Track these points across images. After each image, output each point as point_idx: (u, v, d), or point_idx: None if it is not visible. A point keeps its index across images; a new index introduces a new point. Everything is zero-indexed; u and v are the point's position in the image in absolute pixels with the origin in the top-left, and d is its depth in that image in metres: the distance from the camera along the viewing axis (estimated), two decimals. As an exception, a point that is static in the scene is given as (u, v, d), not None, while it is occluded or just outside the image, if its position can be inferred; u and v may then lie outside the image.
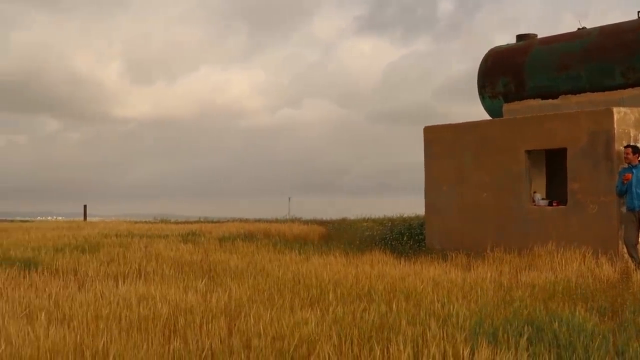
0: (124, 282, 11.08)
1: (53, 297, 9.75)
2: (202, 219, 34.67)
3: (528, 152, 15.25)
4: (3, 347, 6.91)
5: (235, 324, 7.93)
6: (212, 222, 31.29)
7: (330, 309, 8.61)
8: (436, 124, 17.75)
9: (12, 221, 41.60)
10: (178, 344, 7.09)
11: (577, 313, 8.05)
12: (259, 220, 30.06)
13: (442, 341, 6.78)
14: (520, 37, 18.90)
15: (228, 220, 31.13)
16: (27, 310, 8.89)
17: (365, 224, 25.59)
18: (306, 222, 27.74)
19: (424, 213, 18.40)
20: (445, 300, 9.16)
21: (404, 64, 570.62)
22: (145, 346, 6.95)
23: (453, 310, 8.39)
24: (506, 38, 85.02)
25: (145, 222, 33.27)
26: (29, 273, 12.03)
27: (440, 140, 17.27)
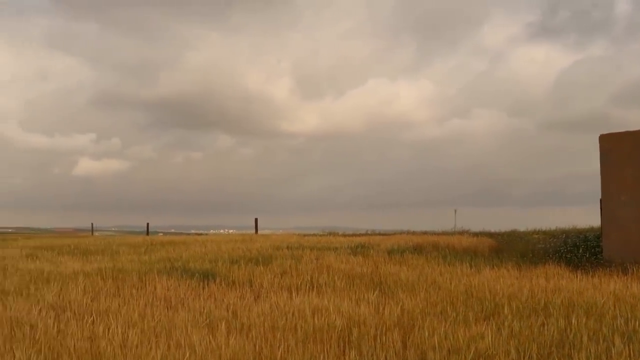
0: (297, 293, 11.30)
1: (231, 308, 10.09)
2: (369, 232, 34.86)
3: None
4: (187, 355, 7.22)
5: (409, 337, 7.88)
6: (380, 234, 31.39)
7: (506, 323, 8.39)
8: (612, 131, 16.92)
9: (188, 234, 43.52)
10: (354, 355, 7.14)
11: None
12: (425, 233, 29.82)
13: (628, 359, 6.44)
14: None
15: (395, 233, 31.09)
16: (208, 320, 9.24)
17: (536, 235, 24.85)
18: (475, 234, 27.26)
19: (598, 224, 17.58)
20: (629, 315, 8.70)
21: (578, 70, 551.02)
22: (321, 358, 7.05)
23: (639, 326, 7.96)
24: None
25: (314, 234, 33.83)
26: (207, 284, 12.52)
27: (619, 149, 16.45)
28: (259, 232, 40.29)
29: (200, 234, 43.96)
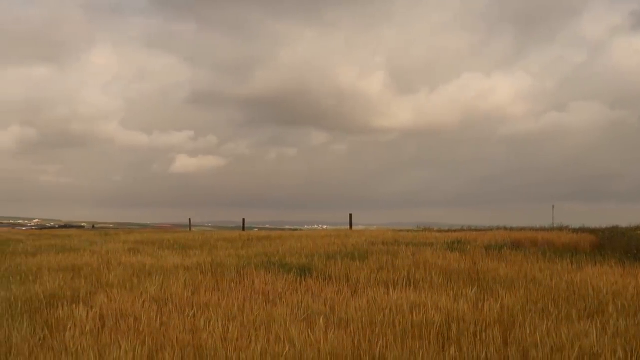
0: (394, 289, 11.25)
1: (329, 302, 10.13)
2: (465, 227, 34.39)
3: None
4: (287, 349, 7.28)
5: (510, 334, 7.73)
6: (476, 230, 30.92)
7: (612, 322, 8.13)
8: None
9: (282, 229, 43.87)
10: (453, 351, 7.06)
11: None
12: (523, 229, 29.21)
13: None
14: None
15: (491, 229, 30.59)
16: (306, 314, 9.30)
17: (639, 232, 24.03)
18: (574, 230, 26.54)
19: None
20: None
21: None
22: (421, 353, 6.99)
23: None
24: None
25: (409, 230, 33.63)
26: (304, 279, 12.60)
27: None
28: (353, 227, 40.34)
29: (295, 230, 44.37)
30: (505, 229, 30.05)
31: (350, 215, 41.10)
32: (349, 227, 40.49)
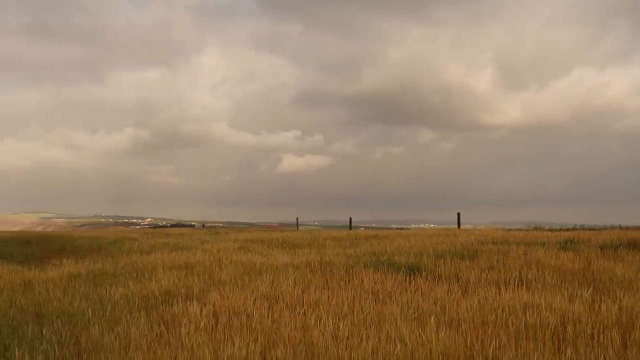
0: (505, 289, 11.04)
1: (439, 302, 10.04)
2: (577, 226, 33.37)
3: None
4: (399, 347, 7.27)
5: (629, 336, 7.47)
6: (589, 229, 29.95)
7: None
8: None
9: (389, 228, 43.76)
10: (570, 353, 6.87)
11: None
12: (639, 228, 28.10)
13: None
14: None
15: (606, 228, 29.56)
16: (416, 313, 9.25)
17: None
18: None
19: None
20: None
21: None
22: (536, 355, 6.84)
23: None
24: None
25: (518, 229, 32.90)
26: (413, 278, 12.53)
27: None
28: (460, 226, 39.88)
29: (401, 229, 44.15)
30: (620, 228, 28.99)
31: (458, 214, 40.66)
32: (456, 225, 40.07)
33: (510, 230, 31.53)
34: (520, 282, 11.81)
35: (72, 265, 17.57)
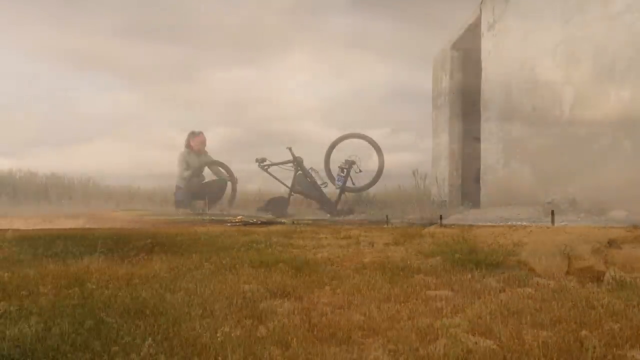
0: None
1: None
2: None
3: None
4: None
5: None
6: None
7: None
8: None
9: (475, 225, 42.12)
10: None
11: None
12: None
13: None
14: None
15: None
16: None
17: None
18: None
19: None
20: None
21: None
22: None
23: None
24: None
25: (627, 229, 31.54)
26: None
27: None
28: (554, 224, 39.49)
29: (494, 226, 43.12)
30: None
31: (552, 211, 39.80)
32: (550, 223, 39.39)
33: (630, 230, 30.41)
34: None
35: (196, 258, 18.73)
